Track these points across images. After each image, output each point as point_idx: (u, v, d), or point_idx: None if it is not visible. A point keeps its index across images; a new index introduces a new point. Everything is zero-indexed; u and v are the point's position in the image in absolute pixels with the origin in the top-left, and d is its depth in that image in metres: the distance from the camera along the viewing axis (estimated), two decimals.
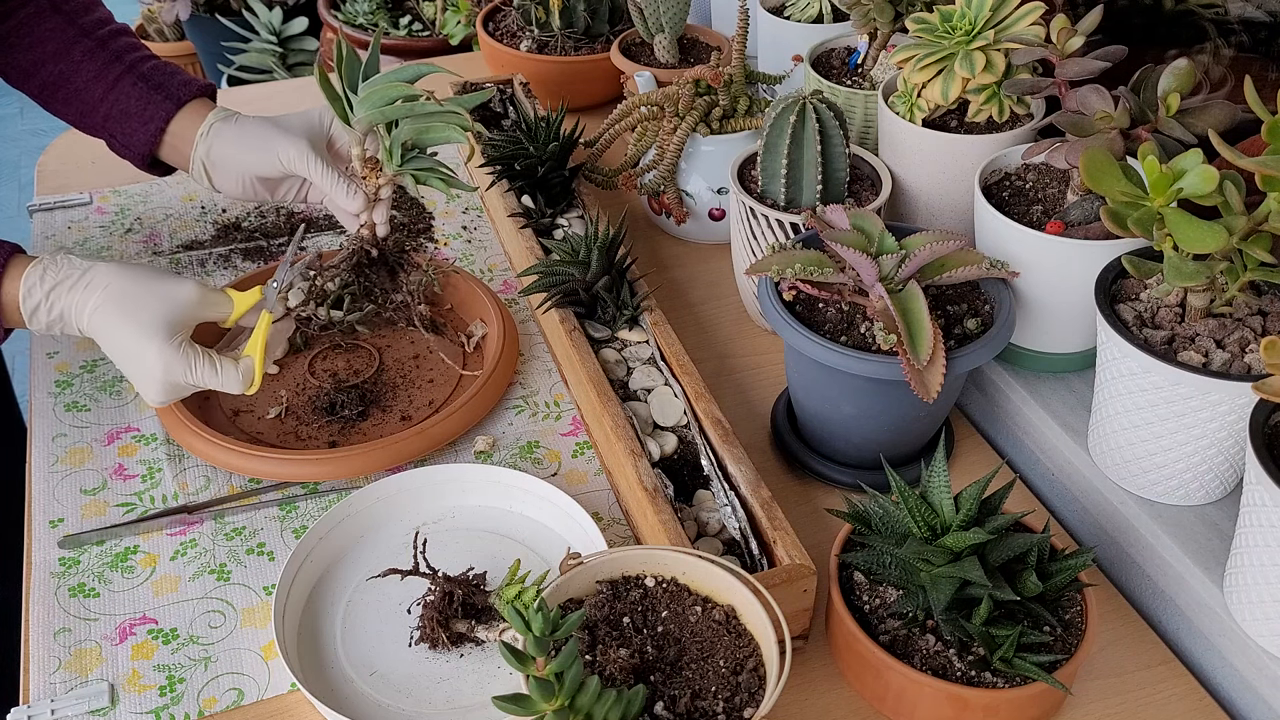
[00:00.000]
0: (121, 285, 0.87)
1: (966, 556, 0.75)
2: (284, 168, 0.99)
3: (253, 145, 1.00)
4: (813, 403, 0.95)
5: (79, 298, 0.87)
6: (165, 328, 0.87)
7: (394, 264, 1.01)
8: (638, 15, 1.41)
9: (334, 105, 0.94)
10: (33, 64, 1.05)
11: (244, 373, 0.91)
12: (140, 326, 0.87)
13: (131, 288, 0.87)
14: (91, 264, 0.88)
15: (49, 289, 0.87)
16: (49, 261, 0.88)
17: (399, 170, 0.96)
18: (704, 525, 0.88)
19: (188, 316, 0.89)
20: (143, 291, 0.87)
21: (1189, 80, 0.87)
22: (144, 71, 1.04)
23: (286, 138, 0.98)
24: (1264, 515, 0.73)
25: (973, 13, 0.97)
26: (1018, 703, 0.76)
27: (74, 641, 0.85)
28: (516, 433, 1.03)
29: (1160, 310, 0.84)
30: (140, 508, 0.95)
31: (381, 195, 0.98)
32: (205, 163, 1.03)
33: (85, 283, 0.87)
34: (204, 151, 1.03)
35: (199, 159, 1.03)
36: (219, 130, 1.02)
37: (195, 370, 0.88)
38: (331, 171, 0.97)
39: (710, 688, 0.69)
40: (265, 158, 0.99)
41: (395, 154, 0.95)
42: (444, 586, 0.83)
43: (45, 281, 0.87)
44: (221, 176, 1.03)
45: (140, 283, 0.88)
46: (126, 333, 0.87)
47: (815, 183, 1.03)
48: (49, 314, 0.88)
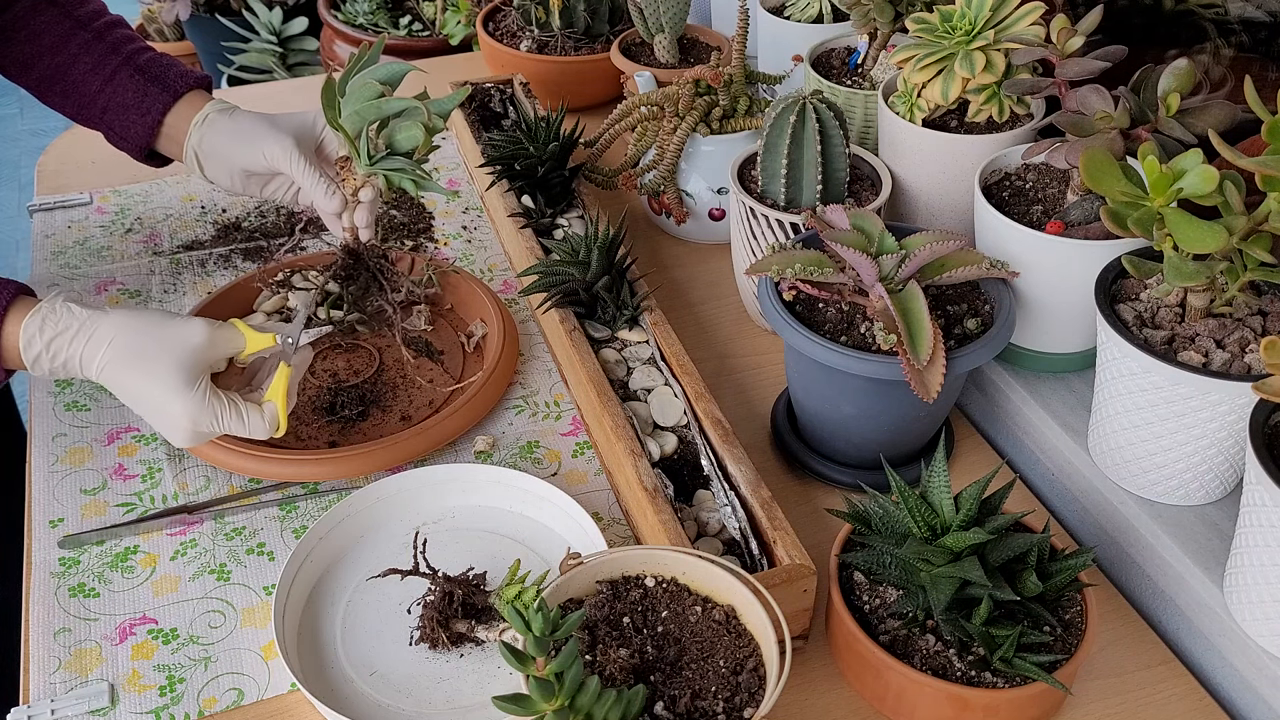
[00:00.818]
0: (127, 340, 0.84)
1: (966, 556, 0.75)
2: (268, 164, 0.99)
3: (242, 139, 1.00)
4: (813, 403, 0.95)
5: (83, 351, 0.85)
6: (184, 377, 0.84)
7: (375, 270, 1.00)
8: (638, 15, 1.41)
9: (327, 111, 0.94)
10: (30, 57, 1.05)
11: (269, 419, 0.88)
12: (158, 380, 0.84)
13: (138, 341, 0.84)
14: (91, 314, 0.85)
15: (49, 340, 0.84)
16: (48, 310, 0.85)
17: (370, 170, 0.96)
18: (704, 525, 0.88)
19: (202, 360, 0.85)
20: (150, 343, 0.84)
21: (1189, 80, 0.87)
22: (141, 64, 1.05)
23: (273, 135, 0.98)
24: (1264, 515, 0.73)
25: (973, 13, 0.97)
26: (1018, 703, 0.76)
27: (74, 641, 0.85)
28: (516, 433, 1.03)
29: (1160, 310, 0.84)
30: (140, 508, 0.95)
31: (362, 198, 0.97)
32: (197, 152, 1.03)
33: (87, 335, 0.84)
34: (196, 140, 1.02)
35: (191, 148, 1.03)
36: (214, 121, 1.02)
37: (221, 420, 0.86)
38: (312, 171, 0.97)
39: (710, 688, 0.69)
40: (252, 153, 0.99)
41: (363, 153, 0.94)
42: (444, 586, 0.83)
43: (45, 332, 0.84)
44: (212, 167, 1.03)
45: (147, 334, 0.85)
46: (146, 387, 0.84)
47: (815, 183, 1.03)
48: (51, 362, 0.85)
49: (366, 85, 0.92)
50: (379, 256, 1.00)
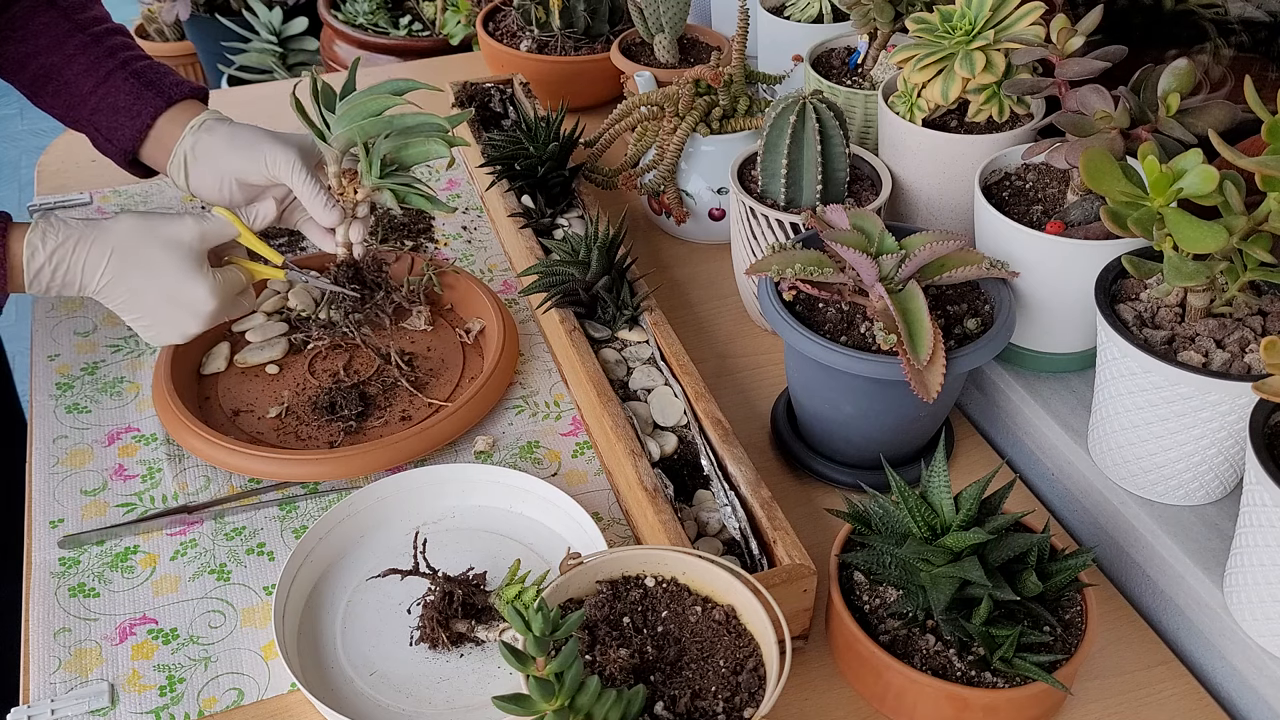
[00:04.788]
0: (128, 246, 0.90)
1: (966, 556, 0.75)
2: (268, 173, 0.97)
3: (242, 146, 0.98)
4: (813, 403, 0.95)
5: (86, 258, 0.90)
6: (189, 267, 0.91)
7: (372, 283, 1.01)
8: (638, 15, 1.41)
9: (309, 126, 0.95)
10: (26, 55, 1.04)
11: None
12: (168, 275, 0.91)
13: (138, 247, 0.90)
14: (89, 224, 0.90)
15: (51, 250, 0.89)
16: (45, 225, 0.89)
17: (377, 183, 0.96)
18: (704, 525, 0.88)
19: (200, 250, 0.92)
20: (150, 248, 0.90)
21: (1189, 80, 0.87)
22: (137, 69, 1.04)
23: (277, 144, 0.97)
24: (1264, 515, 0.73)
25: (973, 13, 0.97)
26: (1018, 703, 0.76)
27: (74, 641, 0.85)
28: (516, 433, 1.03)
29: (1160, 310, 0.84)
30: (140, 508, 0.95)
31: (359, 213, 0.98)
32: (188, 156, 1.01)
33: (90, 241, 0.90)
34: (190, 144, 1.00)
35: (182, 151, 1.01)
36: (212, 126, 1.00)
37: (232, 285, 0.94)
38: (314, 183, 0.96)
39: (710, 688, 0.69)
40: (252, 161, 0.97)
41: (375, 166, 0.95)
42: (444, 586, 0.83)
43: (47, 243, 0.89)
44: (200, 174, 1.00)
45: (145, 238, 0.90)
46: (156, 283, 0.91)
47: (815, 183, 1.03)
48: (52, 275, 0.90)
49: (376, 99, 0.93)
50: (376, 270, 1.02)
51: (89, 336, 1.14)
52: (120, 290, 0.91)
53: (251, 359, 1.08)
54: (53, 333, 1.14)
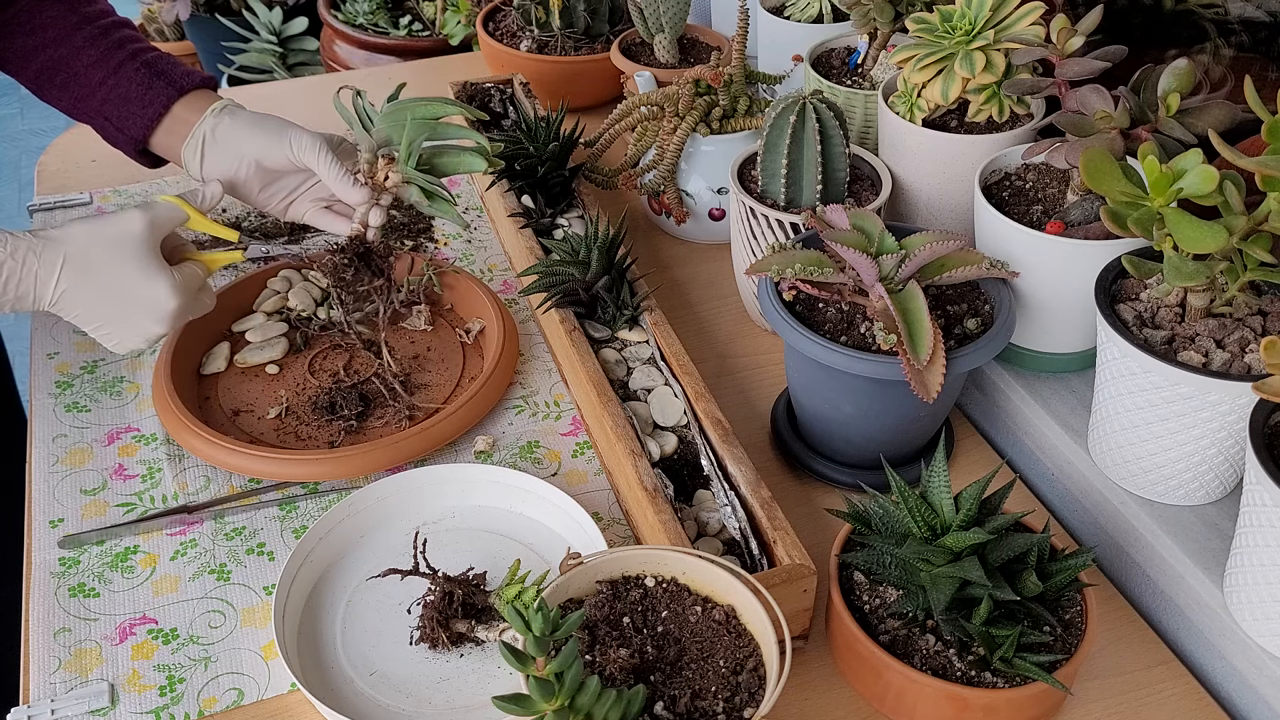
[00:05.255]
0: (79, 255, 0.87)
1: (966, 556, 0.75)
2: (293, 156, 0.98)
3: (267, 129, 0.99)
4: (813, 403, 0.95)
5: (37, 270, 0.87)
6: (145, 263, 0.88)
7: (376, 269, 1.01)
8: (638, 15, 1.41)
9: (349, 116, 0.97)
10: (32, 48, 1.04)
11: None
12: (125, 278, 0.88)
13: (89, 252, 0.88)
14: (33, 237, 0.88)
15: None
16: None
17: (410, 174, 0.96)
18: (704, 525, 0.88)
19: (152, 242, 0.90)
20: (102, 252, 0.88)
21: (1189, 80, 0.87)
22: (147, 59, 1.04)
23: (301, 129, 0.98)
24: (1264, 515, 0.73)
25: (973, 13, 0.97)
26: (1018, 703, 0.76)
27: (74, 641, 0.85)
28: (516, 433, 1.03)
29: (1160, 310, 0.84)
30: (140, 508, 0.95)
31: (382, 200, 0.98)
32: (207, 138, 1.00)
33: (38, 254, 0.87)
34: (210, 126, 1.00)
35: (201, 133, 1.01)
36: (234, 111, 1.01)
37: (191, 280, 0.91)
38: (338, 165, 0.97)
39: (710, 688, 0.69)
40: (276, 144, 0.98)
41: (413, 158, 0.96)
42: (444, 586, 0.83)
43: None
44: (216, 157, 1.00)
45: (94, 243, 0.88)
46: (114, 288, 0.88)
47: (815, 183, 1.03)
48: (3, 291, 0.87)
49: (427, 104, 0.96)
50: (384, 257, 1.00)
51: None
52: (77, 300, 0.89)
53: (251, 359, 1.08)
54: (52, 331, 1.14)
